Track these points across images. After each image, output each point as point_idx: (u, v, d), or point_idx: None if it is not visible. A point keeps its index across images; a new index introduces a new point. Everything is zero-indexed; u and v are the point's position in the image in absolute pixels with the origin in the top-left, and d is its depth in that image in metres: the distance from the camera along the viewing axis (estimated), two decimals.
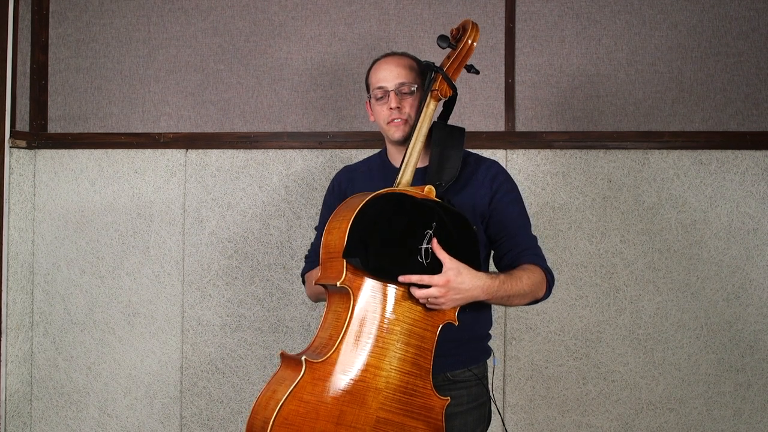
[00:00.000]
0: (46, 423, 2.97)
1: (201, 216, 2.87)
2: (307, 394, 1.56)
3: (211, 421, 2.86)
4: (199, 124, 2.89)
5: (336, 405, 1.58)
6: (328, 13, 2.84)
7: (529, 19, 2.75)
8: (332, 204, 1.96)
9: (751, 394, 2.64)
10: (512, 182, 1.95)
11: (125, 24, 2.94)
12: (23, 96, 2.93)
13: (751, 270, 2.64)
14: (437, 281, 1.62)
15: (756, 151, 2.65)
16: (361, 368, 1.61)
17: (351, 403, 1.60)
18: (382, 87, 1.91)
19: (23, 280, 2.94)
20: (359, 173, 2.04)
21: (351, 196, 1.78)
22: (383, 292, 1.66)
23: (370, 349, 1.63)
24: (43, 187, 2.97)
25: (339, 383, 1.59)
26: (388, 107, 1.89)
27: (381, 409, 1.62)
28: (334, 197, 2.02)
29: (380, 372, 1.63)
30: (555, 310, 2.71)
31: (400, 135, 1.89)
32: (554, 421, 2.71)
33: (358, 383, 1.61)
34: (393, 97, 1.88)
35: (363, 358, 1.62)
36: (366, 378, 1.62)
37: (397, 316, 1.65)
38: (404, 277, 1.63)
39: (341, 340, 1.61)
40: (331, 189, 2.07)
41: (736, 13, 2.67)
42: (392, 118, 1.89)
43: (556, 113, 2.74)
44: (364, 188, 1.91)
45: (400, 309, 1.66)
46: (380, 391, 1.62)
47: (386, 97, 1.90)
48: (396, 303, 1.66)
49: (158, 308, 2.90)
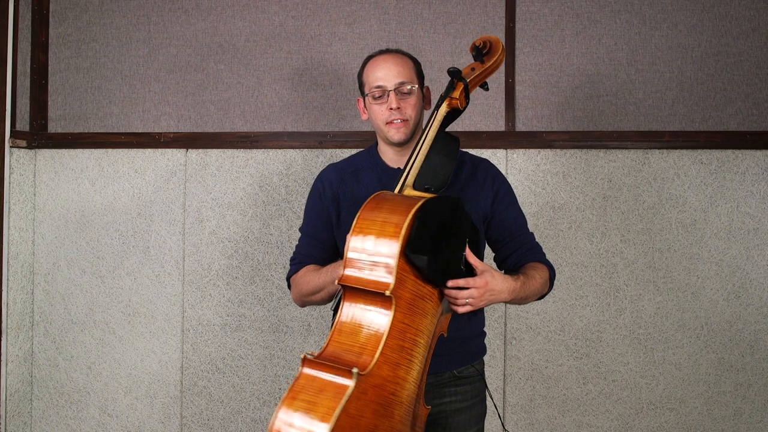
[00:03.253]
0: (46, 422, 2.97)
1: (201, 216, 2.87)
2: (353, 408, 1.43)
3: (211, 420, 2.87)
4: (199, 124, 2.89)
5: (372, 419, 1.48)
6: (328, 13, 2.84)
7: (529, 19, 2.75)
8: (323, 210, 1.92)
9: (752, 393, 2.64)
10: (508, 182, 1.98)
11: (125, 24, 2.95)
12: (23, 96, 2.93)
13: (751, 270, 2.64)
14: (478, 284, 1.60)
15: (756, 151, 2.65)
16: (394, 381, 1.53)
17: (383, 417, 1.51)
18: (380, 86, 1.85)
19: (23, 280, 2.94)
20: (349, 173, 1.96)
21: (378, 193, 1.62)
22: (422, 300, 1.57)
23: (404, 361, 1.54)
24: (44, 187, 2.97)
25: (377, 396, 1.49)
26: (387, 107, 1.84)
27: (400, 422, 1.56)
28: (325, 202, 1.94)
29: (406, 385, 1.56)
30: (555, 310, 2.71)
31: (400, 137, 1.85)
32: (554, 421, 2.71)
33: (390, 396, 1.53)
34: (393, 97, 1.83)
35: (397, 371, 1.53)
36: (396, 391, 1.54)
37: (424, 326, 1.59)
38: (454, 282, 1.58)
39: (381, 351, 1.49)
40: (318, 193, 1.97)
41: (736, 12, 2.67)
42: (392, 119, 1.84)
43: (556, 113, 2.74)
44: (356, 188, 1.90)
45: (426, 319, 1.60)
46: (402, 404, 1.56)
47: (385, 96, 1.85)
48: (429, 312, 1.60)
49: (158, 308, 2.90)
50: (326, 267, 1.84)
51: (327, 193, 1.94)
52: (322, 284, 1.82)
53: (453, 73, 1.76)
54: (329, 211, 1.93)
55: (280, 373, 2.82)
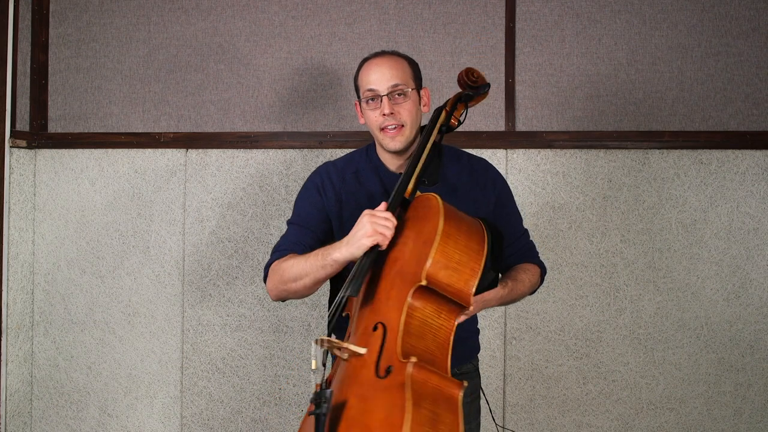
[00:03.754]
0: (46, 423, 2.97)
1: (201, 216, 2.87)
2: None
3: (211, 421, 2.87)
4: (199, 124, 2.89)
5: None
6: (328, 13, 2.84)
7: (529, 19, 2.75)
8: (320, 203, 1.88)
9: (751, 393, 2.64)
10: (507, 184, 1.99)
11: (125, 24, 2.95)
12: (23, 96, 2.93)
13: (751, 270, 2.64)
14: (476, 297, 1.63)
15: (756, 151, 2.65)
16: None
17: None
18: (372, 90, 1.79)
19: (23, 280, 2.94)
20: (350, 174, 1.91)
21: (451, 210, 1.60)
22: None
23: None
24: (44, 187, 2.97)
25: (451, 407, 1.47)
26: (380, 113, 1.79)
27: None
28: (324, 197, 1.89)
29: None
30: (555, 310, 2.71)
31: (395, 146, 1.81)
32: (554, 421, 2.71)
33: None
34: (386, 102, 1.78)
35: None
36: None
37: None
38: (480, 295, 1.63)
39: (447, 358, 1.53)
40: (316, 187, 1.91)
41: (736, 12, 2.67)
42: (386, 125, 1.79)
43: (556, 113, 2.74)
44: (359, 191, 1.88)
45: None
46: None
47: (378, 101, 1.79)
48: None
49: (158, 308, 2.90)
50: (315, 251, 1.73)
51: (328, 190, 1.89)
52: (308, 269, 1.72)
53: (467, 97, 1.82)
54: (329, 208, 1.88)
55: (280, 373, 2.83)
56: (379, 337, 1.52)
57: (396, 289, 1.57)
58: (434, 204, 1.60)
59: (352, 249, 1.62)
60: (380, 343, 1.51)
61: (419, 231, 1.60)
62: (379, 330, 1.54)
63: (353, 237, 1.61)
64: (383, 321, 1.55)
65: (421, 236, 1.58)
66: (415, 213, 1.66)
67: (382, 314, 1.57)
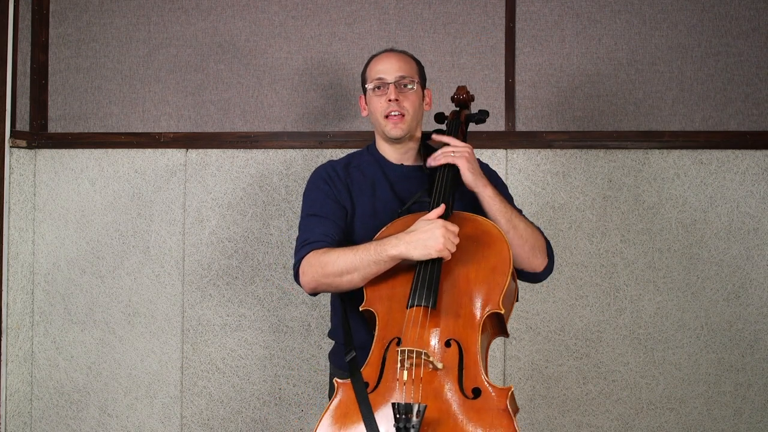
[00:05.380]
0: (46, 423, 2.97)
1: (201, 216, 2.87)
2: None
3: (211, 421, 2.87)
4: (199, 124, 2.89)
5: None
6: (328, 13, 2.84)
7: (529, 19, 2.75)
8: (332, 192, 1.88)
9: (752, 393, 2.64)
10: (501, 179, 2.04)
11: (125, 24, 2.95)
12: (23, 96, 2.93)
13: (751, 270, 2.64)
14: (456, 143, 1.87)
15: (756, 151, 2.65)
16: None
17: None
18: (381, 78, 1.88)
19: (23, 280, 2.94)
20: (353, 166, 1.95)
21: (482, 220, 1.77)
22: None
23: None
24: (44, 187, 2.97)
25: None
26: (386, 99, 1.86)
27: None
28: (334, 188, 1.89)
29: None
30: (555, 310, 2.71)
31: (397, 132, 1.88)
32: (554, 421, 2.71)
33: None
34: (392, 89, 1.86)
35: None
36: None
37: None
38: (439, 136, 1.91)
39: None
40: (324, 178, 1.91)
41: (736, 13, 2.67)
42: (390, 111, 1.86)
43: (556, 113, 2.74)
44: (362, 179, 1.92)
45: None
46: None
47: (384, 88, 1.88)
48: None
49: (158, 308, 2.90)
50: (363, 245, 1.69)
51: (336, 182, 1.90)
52: (358, 263, 1.66)
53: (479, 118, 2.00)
54: (341, 197, 1.88)
55: (280, 373, 2.83)
56: (455, 354, 1.59)
57: (465, 309, 1.64)
58: (496, 233, 1.72)
59: (413, 251, 1.62)
60: (458, 361, 1.58)
61: (485, 256, 1.68)
62: (454, 347, 1.60)
63: (418, 240, 1.62)
64: (457, 339, 1.61)
65: (488, 262, 1.67)
66: (475, 234, 1.72)
67: (452, 331, 1.62)
